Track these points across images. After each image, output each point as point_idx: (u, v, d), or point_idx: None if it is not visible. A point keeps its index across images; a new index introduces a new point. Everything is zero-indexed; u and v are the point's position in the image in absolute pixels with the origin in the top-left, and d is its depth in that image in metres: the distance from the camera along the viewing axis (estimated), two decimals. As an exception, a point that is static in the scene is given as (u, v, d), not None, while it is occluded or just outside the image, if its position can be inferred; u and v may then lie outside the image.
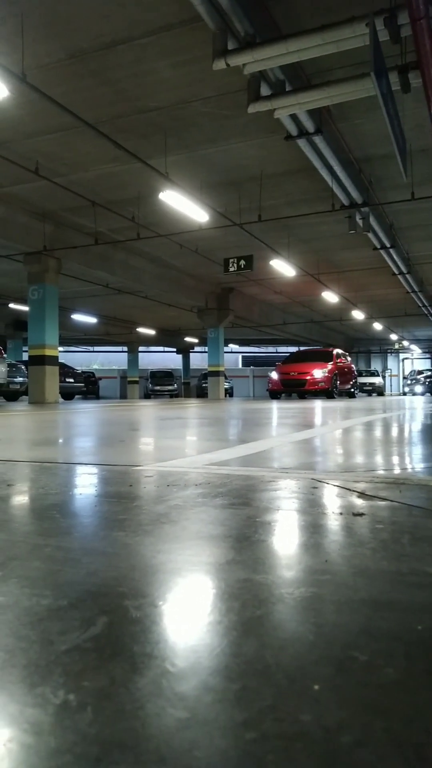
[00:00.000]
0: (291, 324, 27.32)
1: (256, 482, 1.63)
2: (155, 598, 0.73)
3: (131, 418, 5.45)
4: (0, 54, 6.82)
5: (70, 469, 1.97)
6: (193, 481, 1.64)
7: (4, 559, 0.90)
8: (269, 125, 8.64)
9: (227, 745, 0.43)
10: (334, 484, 1.60)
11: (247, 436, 3.32)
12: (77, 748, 0.43)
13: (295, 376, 15.70)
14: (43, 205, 12.69)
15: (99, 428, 4.11)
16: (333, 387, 15.58)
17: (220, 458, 2.19)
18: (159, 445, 2.84)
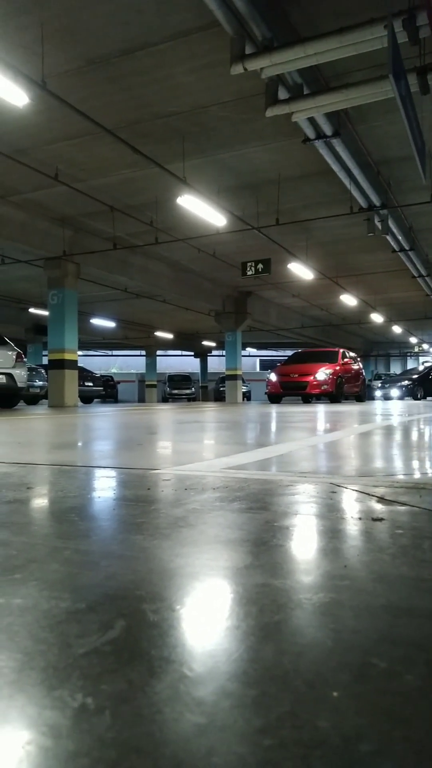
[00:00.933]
0: (309, 327, 27.22)
1: (273, 486, 1.62)
2: (173, 602, 0.73)
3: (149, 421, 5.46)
4: (20, 62, 6.92)
5: (89, 472, 1.98)
6: (211, 485, 1.64)
7: (23, 561, 0.90)
8: (287, 129, 8.64)
9: (245, 751, 0.43)
10: (353, 488, 1.58)
11: (264, 439, 3.31)
12: (95, 752, 0.43)
13: (296, 378, 14.31)
14: (63, 210, 12.81)
15: (117, 432, 4.13)
16: (338, 390, 14.29)
17: (237, 462, 2.19)
18: (177, 448, 2.84)
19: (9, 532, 1.10)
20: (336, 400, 14.34)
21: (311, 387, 13.89)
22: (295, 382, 14.29)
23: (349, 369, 15.56)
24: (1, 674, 0.54)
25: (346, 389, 15.10)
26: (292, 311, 25.73)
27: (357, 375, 16.34)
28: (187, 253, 15.70)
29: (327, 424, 4.78)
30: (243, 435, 3.71)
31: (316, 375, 13.99)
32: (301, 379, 14.17)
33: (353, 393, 16.13)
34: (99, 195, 11.68)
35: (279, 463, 2.22)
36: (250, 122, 8.73)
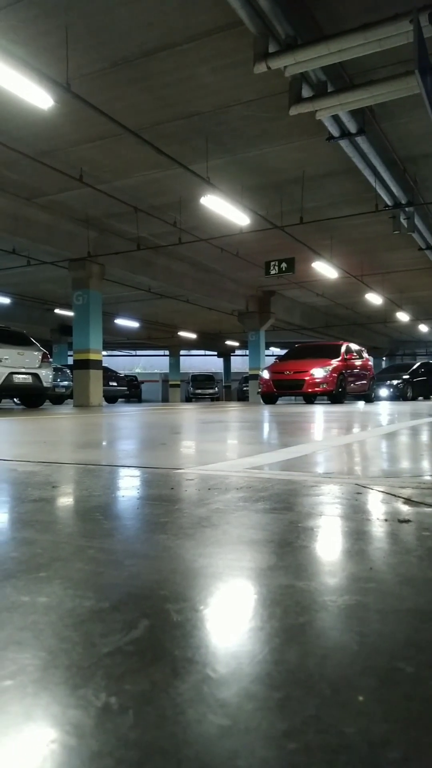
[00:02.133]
0: (334, 326, 27.03)
1: (297, 487, 1.61)
2: (196, 603, 0.72)
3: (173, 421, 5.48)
4: (45, 65, 6.99)
5: (113, 471, 1.99)
6: (234, 485, 1.63)
7: (48, 560, 0.91)
8: (311, 127, 8.58)
9: (269, 755, 0.42)
10: (379, 489, 1.56)
11: (288, 440, 3.29)
12: (118, 752, 0.43)
13: (291, 375, 12.78)
14: (87, 211, 12.93)
15: (141, 431, 4.15)
16: (339, 389, 12.73)
17: (261, 462, 2.18)
18: (200, 448, 2.84)
19: (34, 530, 1.11)
20: (337, 401, 12.89)
21: (308, 385, 12.45)
22: (289, 381, 12.80)
23: (354, 365, 13.93)
24: (26, 672, 0.54)
25: (351, 388, 13.67)
26: (316, 310, 25.58)
27: (363, 372, 14.62)
28: (210, 253, 15.71)
29: (354, 424, 4.74)
30: (266, 435, 3.70)
31: (314, 372, 12.53)
32: (296, 376, 12.70)
33: (359, 392, 14.48)
34: (123, 196, 11.76)
35: (303, 463, 2.20)
36: (273, 121, 8.69)
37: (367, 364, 14.99)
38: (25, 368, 10.29)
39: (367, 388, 14.90)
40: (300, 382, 12.57)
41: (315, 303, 23.93)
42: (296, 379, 12.66)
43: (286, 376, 12.94)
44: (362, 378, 14.41)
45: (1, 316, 21.26)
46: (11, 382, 10.03)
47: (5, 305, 21.63)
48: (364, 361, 14.81)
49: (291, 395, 13.66)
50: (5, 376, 9.91)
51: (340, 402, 12.91)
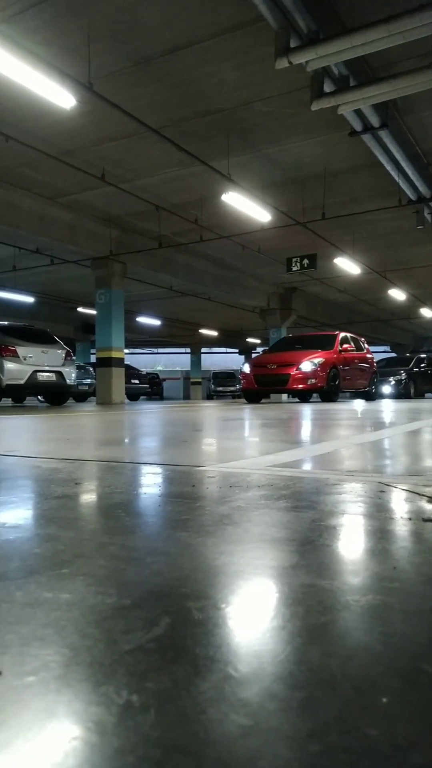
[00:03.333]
0: (356, 323, 26.81)
1: (320, 485, 1.60)
2: (218, 601, 0.72)
3: (194, 418, 5.49)
4: (67, 65, 7.04)
5: (135, 468, 2.00)
6: (256, 483, 1.63)
7: (71, 556, 0.91)
8: (333, 122, 8.51)
9: (292, 756, 0.42)
10: (402, 488, 1.54)
11: (308, 437, 3.27)
12: (140, 750, 0.43)
13: (274, 370, 11.20)
14: (109, 210, 13.00)
15: (163, 429, 4.16)
16: (332, 385, 11.21)
17: (282, 460, 2.17)
18: (221, 445, 2.84)
19: (57, 526, 1.12)
20: (329, 398, 11.32)
21: (294, 381, 10.88)
22: (272, 375, 11.23)
23: (351, 358, 12.31)
24: (49, 669, 0.55)
25: (348, 384, 12.16)
26: (338, 307, 25.39)
27: (363, 366, 12.96)
28: (231, 250, 15.69)
29: (378, 421, 4.69)
30: (287, 432, 3.68)
31: (301, 366, 10.91)
32: (280, 371, 11.10)
33: (357, 389, 12.98)
34: (145, 194, 11.80)
35: (325, 461, 2.19)
36: (295, 116, 8.64)
37: (367, 358, 13.37)
38: (48, 366, 10.41)
39: (368, 384, 13.37)
40: (284, 377, 11.00)
41: (337, 299, 23.76)
42: (280, 373, 11.08)
43: (268, 370, 11.32)
44: (361, 373, 12.88)
45: (26, 315, 21.51)
46: (35, 380, 10.15)
47: (29, 304, 21.88)
48: (363, 353, 13.23)
49: (274, 392, 12.12)
50: (30, 374, 10.04)
51: (332, 400, 11.39)
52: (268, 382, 11.38)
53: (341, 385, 11.75)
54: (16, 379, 9.88)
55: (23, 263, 16.28)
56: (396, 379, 16.73)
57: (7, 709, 0.48)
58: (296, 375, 10.89)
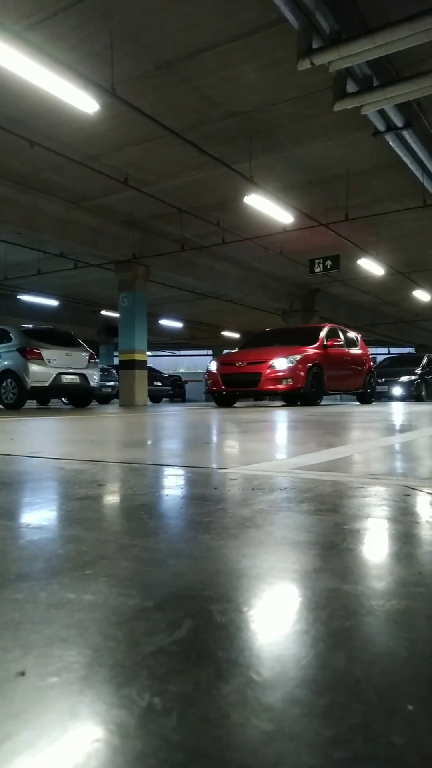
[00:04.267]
0: (380, 324, 26.56)
1: (343, 488, 1.58)
2: (240, 604, 0.72)
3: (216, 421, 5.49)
4: (90, 70, 7.12)
5: (157, 470, 2.01)
6: (278, 485, 1.62)
7: (94, 557, 0.92)
8: (355, 122, 8.46)
9: (315, 763, 0.41)
10: (428, 491, 1.52)
11: (333, 440, 3.25)
12: (162, 754, 0.42)
13: (243, 368, 9.60)
14: (132, 214, 13.09)
15: (185, 431, 4.17)
16: (312, 386, 9.66)
17: (305, 462, 2.16)
18: (243, 448, 2.83)
19: (81, 527, 1.13)
20: (309, 401, 9.77)
21: (266, 381, 9.33)
22: (241, 375, 9.62)
23: (339, 355, 10.72)
24: (72, 670, 0.55)
25: (335, 385, 10.63)
26: (362, 308, 25.19)
27: (355, 365, 11.41)
28: (253, 252, 15.68)
29: (403, 423, 4.64)
30: (310, 435, 3.66)
31: (274, 363, 9.34)
32: (250, 369, 9.52)
33: (348, 390, 11.54)
34: (167, 198, 11.86)
35: (348, 463, 2.17)
36: (317, 117, 8.60)
37: (361, 355, 11.84)
38: (72, 369, 10.51)
39: (362, 385, 11.85)
40: (255, 377, 9.43)
41: (360, 300, 23.58)
42: (250, 372, 9.50)
43: (237, 368, 9.70)
44: (353, 372, 11.33)
45: (50, 318, 21.77)
46: (59, 382, 10.26)
47: (54, 307, 22.14)
48: (357, 350, 11.72)
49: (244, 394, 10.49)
50: (54, 377, 10.15)
51: (313, 404, 9.87)
52: (236, 383, 9.78)
53: (326, 386, 10.24)
54: (41, 381, 10.00)
55: (48, 267, 16.48)
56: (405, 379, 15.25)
57: (31, 709, 0.48)
58: (269, 374, 9.32)
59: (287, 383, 9.31)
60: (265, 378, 9.33)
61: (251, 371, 9.51)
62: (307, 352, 9.73)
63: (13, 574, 0.84)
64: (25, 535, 1.08)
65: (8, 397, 10.18)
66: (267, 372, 9.35)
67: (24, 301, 20.41)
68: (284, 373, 9.32)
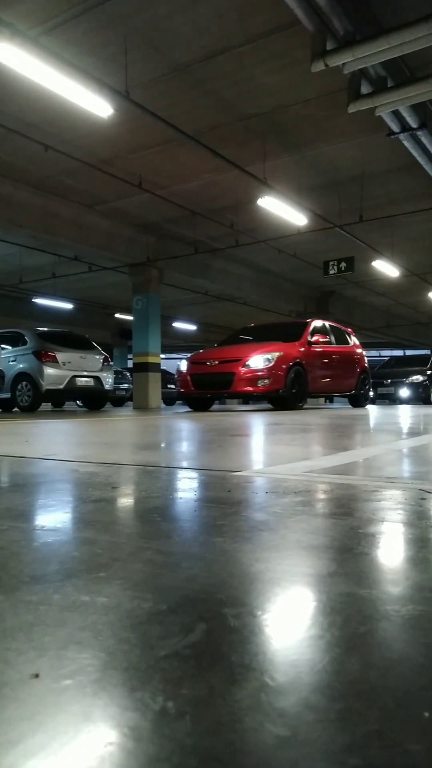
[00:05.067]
0: (395, 326, 26.40)
1: (358, 491, 1.57)
2: (254, 608, 0.71)
3: (229, 423, 5.48)
4: (105, 74, 7.16)
5: (171, 473, 2.01)
6: (293, 489, 1.61)
7: (107, 560, 0.92)
8: (370, 123, 8.42)
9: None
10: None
11: (348, 443, 3.23)
12: (175, 758, 0.42)
13: (215, 367, 8.64)
14: (146, 217, 13.15)
15: (198, 433, 4.17)
16: (294, 387, 8.70)
17: (320, 465, 2.15)
18: (257, 450, 2.83)
19: (95, 530, 1.13)
20: (289, 405, 8.78)
21: (239, 382, 8.36)
22: (213, 375, 8.64)
23: (326, 353, 9.74)
24: (86, 672, 0.55)
25: (321, 386, 9.65)
26: (376, 310, 25.06)
27: (345, 364, 10.41)
28: (267, 254, 15.67)
29: (421, 426, 4.60)
30: (324, 438, 3.64)
31: (249, 362, 8.39)
32: (222, 368, 8.55)
33: (337, 392, 10.59)
34: (181, 200, 11.89)
35: (363, 467, 2.15)
36: (331, 119, 8.58)
37: (353, 354, 10.84)
38: (87, 371, 10.57)
39: (354, 386, 10.82)
40: (227, 377, 8.45)
41: (375, 302, 23.45)
42: (222, 372, 8.52)
43: (208, 368, 8.71)
44: (343, 372, 10.34)
45: (65, 321, 21.91)
46: (74, 385, 10.32)
47: (68, 310, 22.28)
48: (347, 348, 10.70)
49: (216, 396, 9.22)
50: (68, 379, 10.21)
51: (294, 407, 8.87)
52: (207, 384, 8.73)
53: (311, 387, 9.24)
54: (56, 384, 10.06)
55: (62, 270, 16.60)
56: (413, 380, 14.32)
57: (44, 712, 0.48)
58: (243, 374, 8.36)
59: (264, 384, 8.37)
60: (238, 378, 8.37)
61: (223, 371, 8.54)
62: (288, 350, 8.79)
63: (27, 576, 0.84)
64: (40, 537, 1.09)
65: (23, 399, 10.25)
66: (241, 372, 8.39)
67: (39, 304, 20.57)
68: (261, 373, 8.36)
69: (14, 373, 10.22)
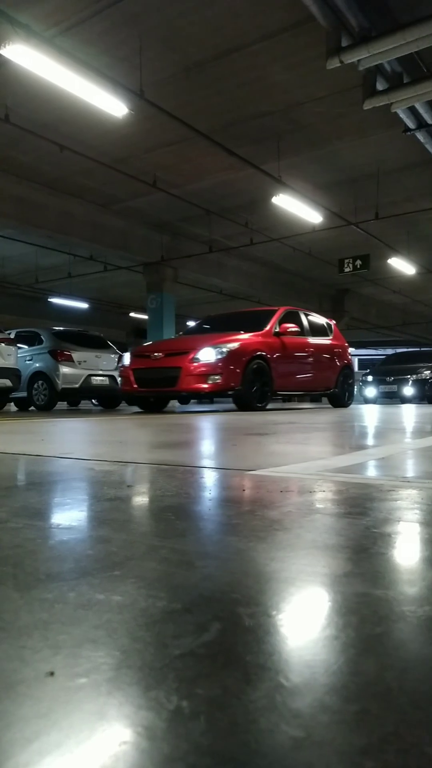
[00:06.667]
0: (411, 324, 26.19)
1: (374, 491, 1.56)
2: (268, 608, 0.71)
3: (243, 422, 5.48)
4: (120, 74, 7.19)
5: (185, 471, 2.01)
6: (307, 488, 1.61)
7: (122, 558, 0.92)
8: (385, 120, 8.36)
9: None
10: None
11: (363, 442, 3.21)
12: (190, 758, 0.42)
13: (159, 361, 7.50)
14: (161, 216, 13.17)
15: (213, 432, 4.17)
16: (255, 385, 7.53)
17: (335, 465, 2.14)
18: (272, 449, 2.82)
19: (110, 528, 1.14)
20: (247, 405, 7.56)
21: (186, 379, 7.21)
22: (157, 370, 7.49)
23: (297, 345, 8.46)
24: (100, 671, 0.55)
25: (289, 384, 8.38)
26: (393, 308, 24.87)
27: (322, 358, 9.14)
28: (281, 252, 15.62)
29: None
30: (339, 437, 3.62)
31: (198, 355, 7.24)
32: (168, 362, 7.41)
33: (316, 390, 9.34)
34: (195, 199, 11.89)
35: (379, 466, 2.14)
36: (346, 116, 8.53)
37: (332, 347, 9.57)
38: (102, 370, 10.62)
39: (334, 384, 9.58)
40: (172, 372, 7.29)
41: (391, 300, 23.29)
42: (166, 367, 7.38)
43: (152, 362, 7.56)
44: (320, 367, 9.08)
45: (80, 321, 22.04)
46: (89, 384, 10.39)
47: (83, 310, 22.41)
48: (326, 341, 9.46)
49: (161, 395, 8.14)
50: (84, 378, 10.28)
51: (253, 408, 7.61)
52: (149, 381, 7.59)
53: (276, 385, 8.00)
54: (71, 383, 10.13)
55: (78, 270, 16.69)
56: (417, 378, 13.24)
57: (59, 710, 0.48)
58: (192, 369, 7.18)
59: (214, 381, 7.17)
60: (185, 374, 7.19)
61: (168, 365, 7.35)
62: (248, 342, 7.57)
63: (42, 574, 0.85)
64: (55, 535, 1.09)
65: (39, 398, 10.33)
66: (189, 366, 7.21)
67: (55, 303, 20.70)
68: (212, 368, 7.17)
69: (30, 373, 10.30)
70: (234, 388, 7.35)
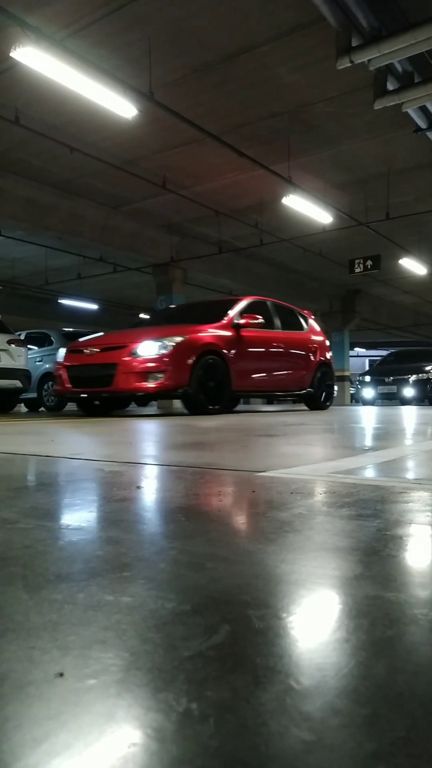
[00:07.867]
0: (423, 325, 26.05)
1: (385, 493, 1.55)
2: (278, 610, 0.71)
3: (253, 423, 5.47)
4: (129, 75, 7.21)
5: (195, 472, 2.01)
6: (318, 490, 1.60)
7: (132, 559, 0.92)
8: (396, 120, 8.32)
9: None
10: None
11: (374, 443, 3.20)
12: (199, 760, 0.42)
13: (94, 357, 6.56)
14: (170, 217, 13.19)
15: (222, 433, 4.17)
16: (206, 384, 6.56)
17: (345, 466, 2.13)
18: (282, 451, 2.81)
19: (119, 529, 1.14)
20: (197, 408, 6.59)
21: (123, 377, 6.27)
22: (91, 368, 6.54)
23: (262, 340, 7.50)
24: (109, 672, 0.55)
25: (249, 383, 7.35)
26: (404, 308, 24.75)
27: (293, 355, 8.14)
28: (291, 253, 15.59)
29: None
30: (350, 438, 3.61)
31: (137, 349, 6.30)
32: (103, 358, 6.48)
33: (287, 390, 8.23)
34: (205, 200, 11.90)
35: (390, 468, 2.12)
36: (357, 116, 8.50)
37: (306, 342, 8.51)
38: (111, 371, 10.63)
39: (308, 384, 8.50)
40: (107, 369, 6.35)
41: (403, 301, 23.18)
42: (101, 364, 6.44)
43: (86, 358, 6.62)
44: (291, 365, 8.10)
45: (90, 322, 22.11)
46: (99, 385, 10.40)
47: (93, 311, 22.48)
48: (299, 335, 8.44)
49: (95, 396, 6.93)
50: (93, 379, 10.29)
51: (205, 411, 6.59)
52: (83, 379, 6.67)
53: (236, 385, 6.99)
54: (81, 383, 10.15)
55: (87, 271, 16.75)
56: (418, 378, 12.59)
57: (68, 711, 0.48)
58: (129, 365, 6.25)
59: (156, 380, 6.23)
60: (122, 371, 6.24)
61: (103, 362, 6.42)
62: (197, 335, 6.56)
63: (52, 574, 0.85)
64: (65, 536, 1.10)
65: (50, 399, 10.37)
66: (126, 362, 6.26)
67: (65, 305, 20.79)
68: (153, 365, 6.22)
69: (40, 374, 10.34)
70: (179, 388, 6.37)
